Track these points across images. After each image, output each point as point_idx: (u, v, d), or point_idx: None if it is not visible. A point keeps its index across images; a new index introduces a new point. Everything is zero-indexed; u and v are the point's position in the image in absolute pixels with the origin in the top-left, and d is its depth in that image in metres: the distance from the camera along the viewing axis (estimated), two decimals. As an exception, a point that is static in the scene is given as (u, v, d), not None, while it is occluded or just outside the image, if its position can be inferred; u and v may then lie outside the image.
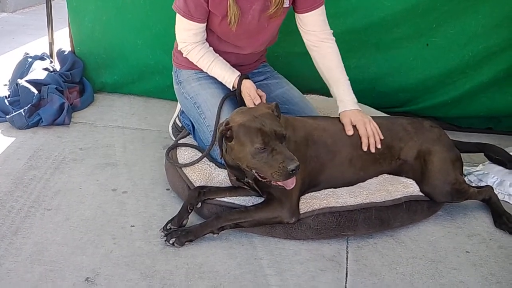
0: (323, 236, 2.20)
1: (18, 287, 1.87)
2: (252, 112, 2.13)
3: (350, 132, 2.36)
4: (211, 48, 2.54)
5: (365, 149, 2.34)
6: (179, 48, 2.56)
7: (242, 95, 2.45)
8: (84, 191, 2.46)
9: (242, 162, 2.09)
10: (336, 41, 2.55)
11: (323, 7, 2.51)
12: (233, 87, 2.49)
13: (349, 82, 2.51)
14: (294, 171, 1.97)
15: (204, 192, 2.26)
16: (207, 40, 2.55)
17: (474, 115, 3.26)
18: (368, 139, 2.36)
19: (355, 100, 2.49)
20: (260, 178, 2.09)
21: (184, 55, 2.56)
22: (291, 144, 2.21)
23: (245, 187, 2.30)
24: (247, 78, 2.48)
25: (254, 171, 2.08)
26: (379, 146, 2.36)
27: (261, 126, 2.03)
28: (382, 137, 2.37)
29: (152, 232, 2.18)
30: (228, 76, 2.49)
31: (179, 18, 2.48)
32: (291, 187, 2.05)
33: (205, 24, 2.47)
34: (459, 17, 3.03)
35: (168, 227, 2.16)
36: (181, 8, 2.43)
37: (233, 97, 2.56)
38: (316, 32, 2.52)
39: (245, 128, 2.05)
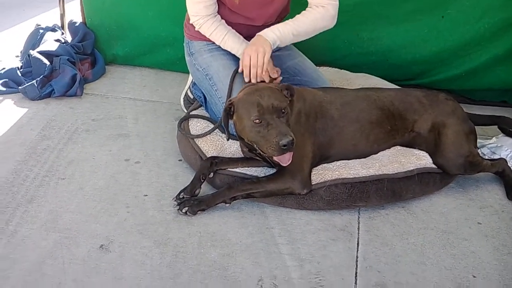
0: (334, 207, 2.20)
1: (33, 253, 1.90)
2: (254, 87, 2.15)
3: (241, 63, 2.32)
4: (223, 21, 2.51)
5: (246, 79, 2.30)
6: (190, 22, 2.53)
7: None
8: (97, 161, 2.48)
9: (243, 136, 2.12)
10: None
11: None
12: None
13: (295, 29, 2.38)
14: (286, 147, 1.96)
15: (216, 162, 2.27)
16: (218, 12, 2.53)
17: (488, 87, 3.22)
18: (250, 70, 2.29)
19: (274, 35, 2.34)
20: (261, 153, 2.10)
21: (196, 29, 2.53)
22: (302, 117, 2.21)
23: (257, 158, 2.30)
24: None
25: (255, 145, 2.09)
26: (259, 79, 2.28)
27: (259, 99, 2.04)
28: (274, 76, 2.31)
29: (165, 201, 2.20)
30: (242, 48, 2.45)
31: None
32: (286, 164, 2.05)
33: None
34: (476, -13, 2.98)
35: (181, 196, 2.17)
36: None
37: None
38: None
39: (244, 101, 2.08)
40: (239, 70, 2.36)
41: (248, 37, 2.55)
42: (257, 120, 2.03)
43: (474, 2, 3.01)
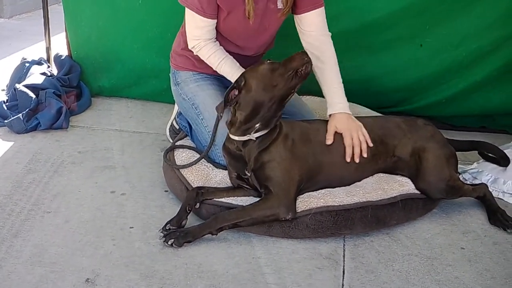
0: (320, 235, 2.22)
1: (19, 288, 1.89)
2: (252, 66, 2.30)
3: (329, 141, 2.34)
4: (221, 47, 2.55)
5: (348, 160, 2.33)
6: (190, 47, 2.54)
7: None
8: (83, 194, 2.48)
9: (261, 104, 2.17)
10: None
11: (323, 8, 2.53)
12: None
13: (342, 85, 2.50)
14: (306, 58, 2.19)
15: (202, 192, 2.29)
16: None
17: (468, 114, 3.29)
18: (353, 149, 2.34)
19: (347, 104, 2.46)
20: (295, 84, 2.21)
21: (195, 53, 2.55)
22: (289, 140, 2.25)
23: (244, 185, 2.33)
24: None
25: (284, 86, 2.18)
26: (365, 155, 2.34)
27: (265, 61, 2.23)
28: (371, 145, 2.36)
29: (151, 233, 2.21)
30: (238, 74, 2.44)
31: (191, 15, 2.46)
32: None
33: (216, 20, 2.47)
34: (452, 18, 3.06)
35: (167, 228, 2.18)
36: (194, 5, 2.42)
37: None
38: (314, 33, 2.53)
39: (254, 67, 2.25)
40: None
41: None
42: (269, 60, 2.22)
43: (451, 30, 3.10)
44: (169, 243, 2.10)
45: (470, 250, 2.21)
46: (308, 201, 2.25)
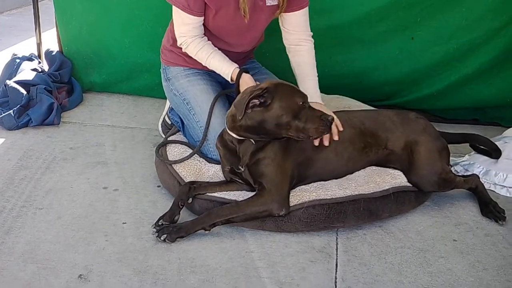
0: (313, 228, 2.23)
1: (11, 285, 1.88)
2: (275, 80, 2.29)
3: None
4: (209, 41, 2.54)
5: (316, 144, 2.31)
6: (178, 44, 2.55)
7: (240, 89, 2.42)
8: (75, 190, 2.47)
9: (274, 126, 2.12)
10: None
11: (307, 8, 2.55)
12: (231, 79, 2.48)
13: (317, 79, 2.54)
14: (331, 123, 2.13)
15: (195, 187, 2.29)
16: None
17: (460, 106, 3.31)
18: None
19: (320, 96, 2.51)
20: (295, 137, 2.15)
21: (183, 49, 2.55)
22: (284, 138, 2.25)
23: (237, 180, 2.32)
24: (247, 72, 2.48)
25: (289, 132, 2.13)
26: (336, 138, 2.31)
27: (295, 86, 2.21)
28: (341, 128, 2.34)
29: (143, 229, 2.20)
30: (227, 67, 2.48)
31: (177, 12, 2.47)
32: (328, 144, 2.25)
33: (203, 17, 2.47)
34: (443, 10, 3.07)
35: (159, 223, 2.18)
36: (180, 2, 2.42)
37: (224, 96, 2.59)
38: (296, 32, 2.56)
39: (286, 86, 2.17)
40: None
41: None
42: (303, 103, 2.12)
43: (442, 23, 3.11)
44: (162, 238, 2.10)
45: (462, 242, 2.22)
46: (301, 195, 2.25)
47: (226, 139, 2.28)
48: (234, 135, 2.21)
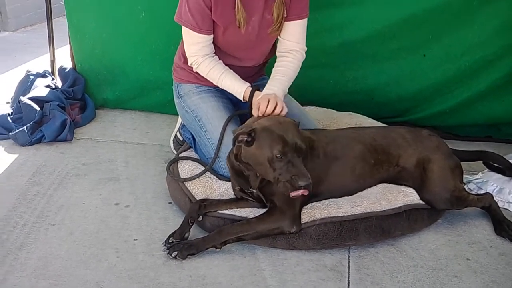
0: (324, 246, 2.21)
1: (23, 301, 1.89)
2: (277, 119, 2.17)
3: (254, 112, 2.32)
4: (220, 61, 2.56)
5: (255, 113, 2.29)
6: (189, 63, 2.56)
7: (253, 107, 2.40)
8: (87, 206, 2.48)
9: (255, 166, 2.12)
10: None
11: (306, 20, 2.55)
12: (243, 98, 2.48)
13: (287, 83, 2.51)
14: (302, 188, 2.00)
15: (205, 205, 2.28)
16: None
17: (472, 123, 3.29)
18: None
19: (282, 92, 2.45)
20: (254, 191, 2.15)
21: (194, 69, 2.57)
22: None
23: (249, 198, 2.32)
24: (259, 90, 2.48)
25: (263, 175, 2.11)
26: (278, 111, 2.28)
27: (284, 134, 2.06)
28: (285, 110, 2.30)
29: (155, 245, 2.20)
30: (239, 86, 2.48)
31: (187, 32, 2.49)
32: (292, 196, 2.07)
33: (212, 35, 2.49)
34: (455, 28, 3.07)
35: (170, 241, 2.17)
36: (189, 22, 2.44)
37: (236, 117, 2.61)
38: (289, 42, 2.55)
39: (269, 132, 2.09)
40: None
41: None
42: (279, 155, 2.04)
43: (454, 41, 3.10)
44: (173, 255, 2.10)
45: (476, 261, 2.19)
46: (312, 212, 2.24)
47: (233, 161, 2.26)
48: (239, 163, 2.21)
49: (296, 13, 2.51)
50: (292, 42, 2.56)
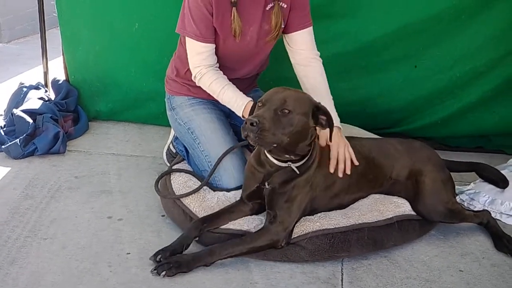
0: (317, 258, 2.21)
1: (15, 317, 1.88)
2: (292, 89, 2.18)
3: (322, 144, 2.32)
4: (224, 75, 2.54)
5: (331, 170, 2.29)
6: (192, 77, 2.55)
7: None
8: (80, 219, 2.48)
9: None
10: (325, 64, 2.61)
11: (311, 28, 2.58)
12: (243, 112, 2.45)
13: (332, 101, 2.53)
14: (246, 124, 2.00)
15: (205, 226, 2.23)
16: None
17: (463, 134, 3.31)
18: (338, 163, 2.30)
19: (337, 118, 2.47)
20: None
21: (197, 82, 2.55)
22: (312, 170, 2.25)
23: (254, 202, 2.31)
24: None
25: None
26: (348, 172, 2.30)
27: (276, 90, 2.12)
28: (357, 163, 2.33)
29: (147, 259, 2.18)
30: (241, 99, 2.45)
31: (190, 42, 2.48)
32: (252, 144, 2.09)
33: (214, 45, 2.49)
34: (446, 39, 3.10)
35: (157, 259, 2.11)
36: (193, 32, 2.44)
37: (229, 124, 2.64)
38: (304, 51, 2.58)
39: (270, 90, 2.16)
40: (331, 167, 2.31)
41: None
42: (260, 104, 2.11)
43: (445, 52, 3.13)
44: (162, 275, 2.04)
45: (469, 272, 2.20)
46: (305, 225, 2.25)
47: (263, 160, 2.24)
48: (277, 162, 2.20)
49: (301, 22, 2.54)
50: (306, 51, 2.58)
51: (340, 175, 2.30)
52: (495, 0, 2.99)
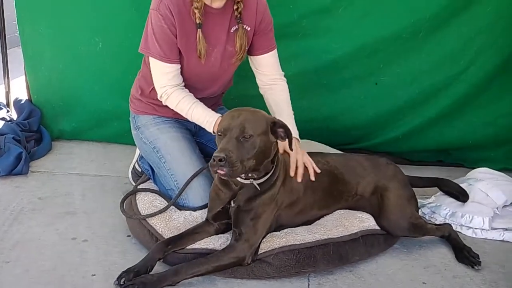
0: (284, 274, 2.23)
1: None
2: (243, 108, 2.21)
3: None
4: (190, 93, 2.54)
5: (292, 174, 2.34)
6: (158, 97, 2.54)
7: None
8: (44, 242, 2.44)
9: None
10: (288, 82, 2.67)
11: (276, 50, 2.65)
12: (214, 128, 2.44)
13: (293, 115, 2.61)
14: (214, 162, 2.01)
15: (170, 248, 2.22)
16: None
17: (424, 149, 3.39)
18: (297, 169, 2.35)
19: (296, 132, 2.55)
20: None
21: (163, 102, 2.54)
22: (278, 186, 2.29)
23: (220, 222, 2.33)
24: None
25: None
26: (312, 178, 2.37)
27: (234, 115, 2.13)
28: (318, 170, 2.40)
29: (113, 281, 2.16)
30: (210, 116, 2.45)
31: (155, 63, 2.48)
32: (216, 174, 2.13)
33: (180, 65, 2.50)
34: (404, 56, 3.18)
35: (122, 282, 2.07)
36: (157, 53, 2.44)
37: (195, 142, 2.67)
38: (269, 72, 2.65)
39: (226, 114, 2.20)
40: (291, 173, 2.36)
41: None
42: (220, 134, 2.13)
43: (404, 69, 3.22)
44: None
45: (431, 284, 2.25)
46: (271, 241, 2.27)
47: (227, 180, 2.26)
48: (239, 179, 2.23)
49: (266, 45, 2.61)
50: (272, 72, 2.65)
51: (299, 179, 2.34)
52: (452, 19, 3.09)
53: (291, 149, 2.26)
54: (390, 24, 3.12)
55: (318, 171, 2.40)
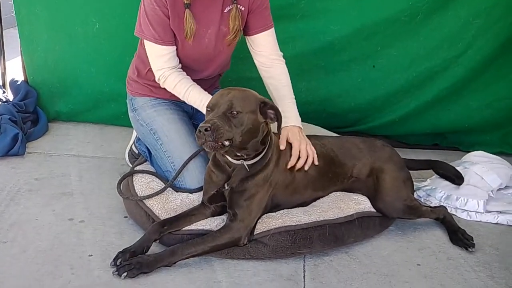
0: (280, 255, 2.25)
1: (-26, 323, 1.84)
2: (236, 88, 2.21)
3: (282, 146, 2.37)
4: (188, 76, 2.54)
5: (288, 167, 2.35)
6: (156, 79, 2.54)
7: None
8: (40, 222, 2.44)
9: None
10: (286, 64, 2.65)
11: (273, 29, 2.61)
12: None
13: (294, 100, 2.58)
14: (201, 132, 2.04)
15: (166, 228, 2.23)
16: None
17: (420, 132, 3.41)
18: (298, 160, 2.36)
19: (299, 118, 2.52)
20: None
21: (161, 84, 2.54)
22: (272, 166, 2.29)
23: (215, 204, 2.34)
24: None
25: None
26: (306, 168, 2.38)
27: (223, 93, 2.15)
28: (317, 163, 2.40)
29: (110, 261, 2.18)
30: (206, 99, 2.45)
31: (150, 46, 2.47)
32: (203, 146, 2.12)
33: (175, 46, 2.49)
34: (402, 39, 3.19)
35: (118, 262, 2.09)
36: (151, 35, 2.44)
37: (192, 125, 2.65)
38: (266, 52, 2.60)
39: (218, 92, 2.20)
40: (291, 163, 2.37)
41: None
42: (208, 109, 2.15)
43: (401, 52, 3.22)
44: (123, 277, 2.04)
45: (426, 266, 2.27)
46: (267, 222, 2.28)
47: (219, 160, 2.29)
48: (233, 160, 2.24)
49: (261, 24, 2.56)
50: (269, 52, 2.60)
51: (298, 167, 2.36)
52: (449, 2, 3.09)
53: (279, 132, 2.29)
54: (388, 6, 3.12)
55: (317, 163, 2.40)
